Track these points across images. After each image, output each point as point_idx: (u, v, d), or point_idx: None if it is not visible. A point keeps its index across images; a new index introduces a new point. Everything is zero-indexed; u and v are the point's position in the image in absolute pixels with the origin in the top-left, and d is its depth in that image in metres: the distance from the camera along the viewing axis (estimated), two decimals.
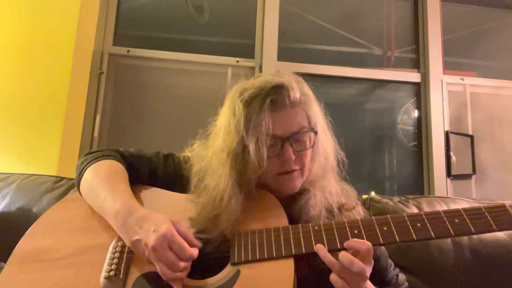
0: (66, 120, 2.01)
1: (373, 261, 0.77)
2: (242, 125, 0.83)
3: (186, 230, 0.81)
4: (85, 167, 0.93)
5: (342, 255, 0.73)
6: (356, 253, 0.74)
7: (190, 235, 0.80)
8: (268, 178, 0.87)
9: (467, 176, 2.46)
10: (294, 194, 0.90)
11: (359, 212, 0.93)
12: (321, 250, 0.76)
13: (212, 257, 0.83)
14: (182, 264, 0.75)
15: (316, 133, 0.89)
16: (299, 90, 0.88)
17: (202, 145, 0.96)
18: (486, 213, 0.76)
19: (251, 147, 0.81)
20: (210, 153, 0.88)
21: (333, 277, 0.74)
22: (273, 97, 0.84)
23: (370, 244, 0.74)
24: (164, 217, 0.80)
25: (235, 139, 0.83)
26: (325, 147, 0.92)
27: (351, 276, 0.73)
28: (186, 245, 0.76)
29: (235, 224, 0.83)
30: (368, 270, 0.74)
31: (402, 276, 1.02)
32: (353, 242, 0.76)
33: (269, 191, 0.89)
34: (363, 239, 0.77)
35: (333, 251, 0.77)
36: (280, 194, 0.89)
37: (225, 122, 0.87)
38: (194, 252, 0.77)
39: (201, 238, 0.82)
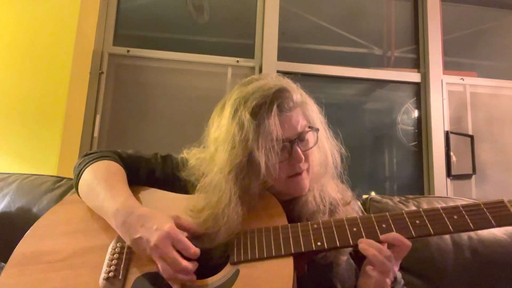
0: (66, 120, 2.01)
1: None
2: (251, 136, 0.81)
3: (189, 223, 0.82)
4: (83, 168, 0.93)
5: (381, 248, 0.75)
6: (390, 247, 0.76)
7: (194, 227, 0.82)
8: (277, 183, 0.86)
9: (467, 176, 2.46)
10: None
11: (354, 208, 0.94)
12: (364, 241, 0.77)
13: (212, 256, 0.83)
14: (185, 262, 0.75)
15: (317, 130, 0.89)
16: (297, 90, 0.89)
17: (201, 157, 0.94)
18: (484, 209, 0.77)
19: (262, 158, 0.80)
20: (215, 169, 0.85)
21: (368, 269, 0.77)
22: (278, 101, 0.83)
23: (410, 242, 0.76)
24: (165, 216, 0.80)
25: (241, 152, 0.81)
26: (324, 144, 0.92)
27: (383, 264, 0.74)
28: (189, 243, 0.76)
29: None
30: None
31: (398, 274, 1.02)
32: (395, 235, 0.76)
33: (275, 195, 0.88)
34: (362, 237, 0.78)
35: (346, 247, 0.79)
36: (290, 196, 0.89)
37: (227, 135, 0.84)
38: (197, 250, 0.77)
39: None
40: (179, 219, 0.81)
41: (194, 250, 0.76)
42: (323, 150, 0.92)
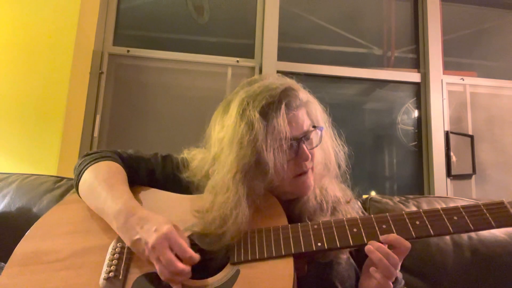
0: (66, 120, 2.01)
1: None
2: (261, 137, 0.80)
3: (185, 236, 0.80)
4: (84, 168, 0.93)
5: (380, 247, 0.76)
6: (391, 248, 0.76)
7: (187, 241, 0.79)
8: (284, 183, 0.86)
9: (467, 176, 2.46)
10: None
11: (354, 207, 0.94)
12: (374, 243, 0.77)
13: (212, 257, 0.83)
14: (181, 265, 0.74)
15: (321, 129, 0.89)
16: (302, 89, 0.89)
17: (203, 158, 0.93)
18: (484, 210, 0.77)
19: (271, 158, 0.80)
20: (223, 170, 0.83)
21: (372, 271, 0.77)
22: (286, 100, 0.83)
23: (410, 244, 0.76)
24: (165, 219, 0.80)
25: (249, 153, 0.80)
26: (327, 143, 0.93)
27: (388, 269, 0.74)
28: (187, 247, 0.76)
29: None
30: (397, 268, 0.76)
31: (399, 274, 1.02)
32: (395, 237, 0.76)
33: (280, 195, 0.88)
34: (362, 237, 0.78)
35: (346, 247, 0.79)
36: (294, 196, 0.89)
37: (234, 136, 0.82)
38: (195, 255, 0.76)
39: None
40: (178, 229, 0.79)
41: (191, 254, 0.76)
42: (326, 149, 0.92)
